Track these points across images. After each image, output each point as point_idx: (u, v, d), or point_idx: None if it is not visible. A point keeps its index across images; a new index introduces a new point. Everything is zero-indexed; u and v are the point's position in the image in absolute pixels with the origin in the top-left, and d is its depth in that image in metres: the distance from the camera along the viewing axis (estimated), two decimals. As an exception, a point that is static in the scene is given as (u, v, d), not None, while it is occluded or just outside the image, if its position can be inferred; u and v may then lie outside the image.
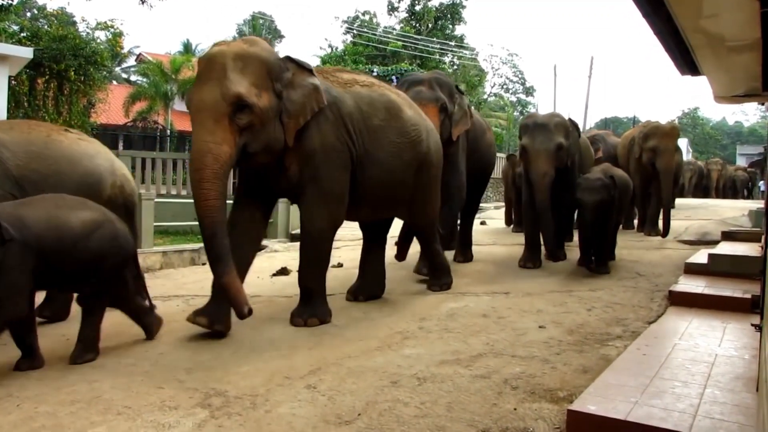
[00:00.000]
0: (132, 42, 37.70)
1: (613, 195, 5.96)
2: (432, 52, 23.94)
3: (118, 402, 2.77)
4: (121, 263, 3.44)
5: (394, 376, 3.14)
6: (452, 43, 25.99)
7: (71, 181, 3.75)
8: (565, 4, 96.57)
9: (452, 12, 26.42)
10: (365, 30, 25.26)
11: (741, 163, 29.07)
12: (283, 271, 6.20)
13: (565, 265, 6.60)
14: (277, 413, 2.68)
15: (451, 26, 26.89)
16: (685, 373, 3.07)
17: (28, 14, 23.60)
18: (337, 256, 6.75)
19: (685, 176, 19.47)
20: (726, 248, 6.40)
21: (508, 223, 10.04)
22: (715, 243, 7.31)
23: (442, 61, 24.67)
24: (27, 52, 7.84)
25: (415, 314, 4.54)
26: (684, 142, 31.40)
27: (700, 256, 6.11)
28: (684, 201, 14.82)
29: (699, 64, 4.08)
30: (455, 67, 25.77)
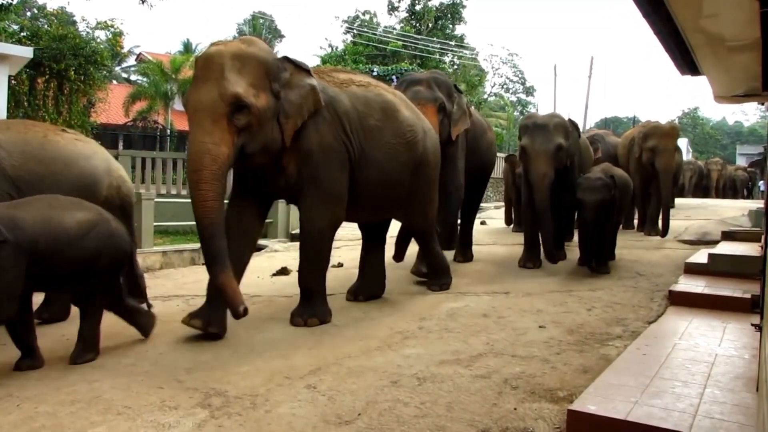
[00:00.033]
0: (132, 41, 37.72)
1: (614, 195, 5.96)
2: (432, 52, 23.92)
3: (118, 402, 2.77)
4: (118, 263, 3.43)
5: (394, 376, 3.14)
6: (452, 43, 25.98)
7: (67, 182, 3.73)
8: (565, 4, 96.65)
9: (452, 12, 26.42)
10: (365, 30, 25.23)
11: (741, 163, 29.05)
12: (283, 271, 6.21)
13: (565, 265, 6.60)
14: (277, 413, 2.68)
15: (452, 26, 26.89)
16: (685, 372, 3.07)
17: (28, 14, 23.61)
18: (337, 256, 6.75)
19: (685, 176, 19.46)
20: (726, 248, 6.40)
21: (508, 223, 10.04)
22: (715, 243, 7.32)
23: (443, 61, 24.66)
24: (27, 52, 7.82)
25: (415, 314, 4.54)
26: (684, 142, 31.41)
27: (700, 256, 6.11)
28: (684, 201, 14.82)
29: (699, 63, 4.08)
30: (455, 67, 25.75)
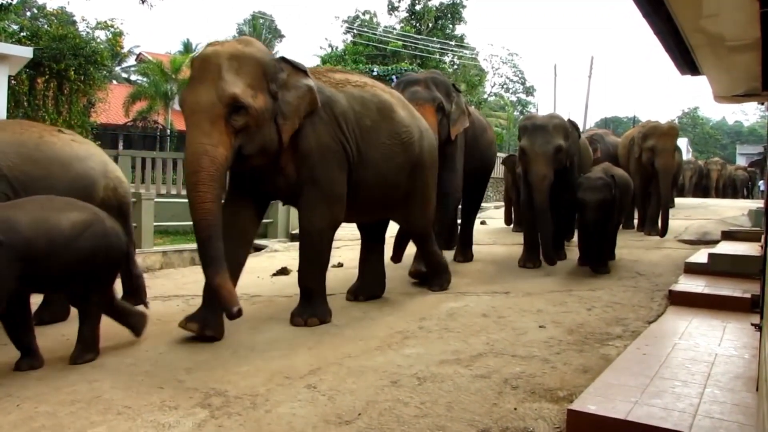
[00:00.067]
0: (132, 41, 37.75)
1: (614, 194, 5.97)
2: (432, 52, 23.92)
3: (118, 402, 2.77)
4: (114, 263, 3.41)
5: (394, 376, 3.14)
6: (452, 43, 25.97)
7: (63, 184, 3.69)
8: (565, 4, 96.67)
9: (452, 12, 26.42)
10: (365, 30, 25.22)
11: (741, 163, 29.05)
12: (283, 271, 6.21)
13: (565, 265, 6.60)
14: (277, 413, 2.68)
15: (452, 26, 26.88)
16: (685, 372, 3.07)
17: (28, 14, 23.63)
18: (337, 255, 6.75)
19: (685, 175, 19.47)
20: (726, 248, 6.40)
21: (508, 223, 10.04)
22: (715, 242, 7.32)
23: (443, 61, 24.65)
24: (27, 52, 7.82)
25: (415, 314, 4.54)
26: (684, 142, 31.40)
27: (700, 256, 6.11)
28: (684, 200, 14.83)
29: (699, 63, 4.08)
30: (455, 67, 25.75)
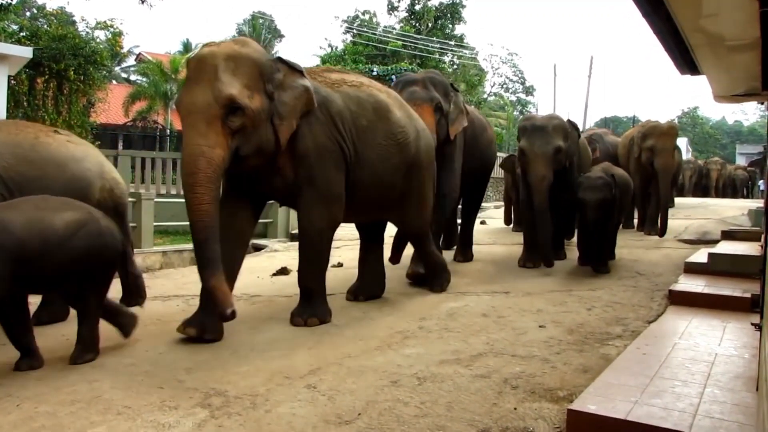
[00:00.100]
0: (132, 41, 37.73)
1: (615, 194, 5.97)
2: (432, 52, 23.89)
3: (118, 402, 2.77)
4: (109, 262, 3.37)
5: (394, 376, 3.14)
6: (452, 43, 25.94)
7: (58, 185, 3.66)
8: (565, 4, 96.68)
9: (452, 11, 26.39)
10: (365, 29, 25.20)
11: (740, 163, 29.04)
12: (283, 271, 6.21)
13: (565, 264, 6.61)
14: (277, 413, 2.68)
15: (451, 26, 26.85)
16: (685, 372, 3.07)
17: (28, 14, 23.63)
18: (337, 255, 6.75)
19: (685, 175, 19.47)
20: (726, 247, 6.40)
21: (508, 223, 10.03)
22: (715, 242, 7.32)
23: (442, 61, 24.63)
24: (26, 52, 7.82)
25: (415, 314, 4.54)
26: (684, 142, 31.39)
27: (700, 256, 6.11)
28: (684, 200, 14.84)
29: (699, 63, 4.08)
30: (455, 67, 25.73)
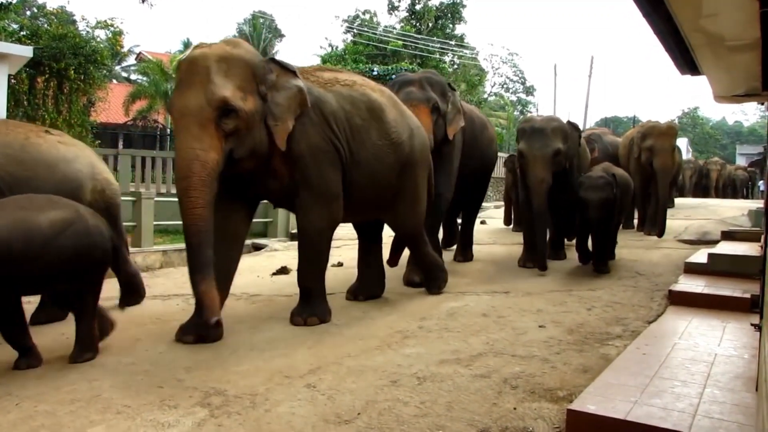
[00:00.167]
0: (132, 41, 37.63)
1: (616, 193, 5.97)
2: (432, 52, 23.89)
3: (118, 401, 2.77)
4: (99, 261, 3.30)
5: (394, 376, 3.14)
6: (452, 43, 25.94)
7: (49, 186, 3.61)
8: (565, 4, 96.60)
9: (452, 11, 26.39)
10: (365, 29, 25.19)
11: (741, 163, 29.02)
12: (283, 270, 6.21)
13: (565, 264, 6.61)
14: (276, 412, 2.68)
15: (452, 25, 26.85)
16: (685, 372, 3.07)
17: (28, 13, 23.63)
18: (337, 255, 6.75)
19: (685, 175, 19.46)
20: (726, 248, 6.40)
21: (508, 224, 10.01)
22: (715, 242, 7.32)
23: (443, 61, 24.62)
24: (27, 51, 7.82)
25: (415, 313, 4.54)
26: (684, 142, 31.36)
27: (700, 256, 6.11)
28: (684, 200, 14.85)
29: (699, 63, 4.08)
30: (455, 67, 25.74)
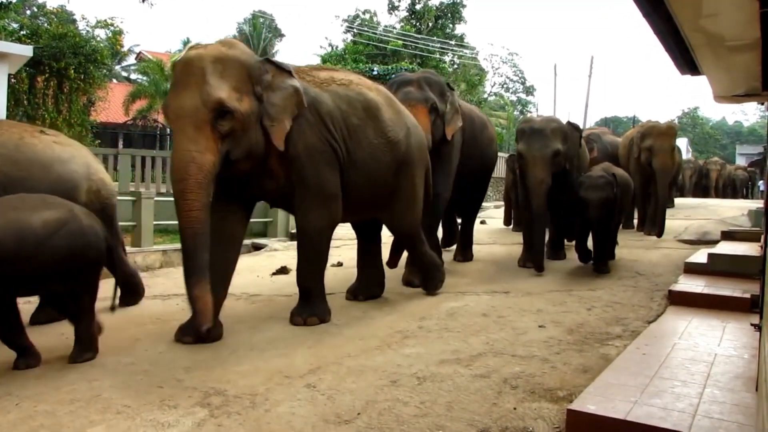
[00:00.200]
0: (132, 40, 37.62)
1: (616, 193, 5.97)
2: (432, 51, 23.89)
3: (118, 401, 2.77)
4: (94, 261, 3.27)
5: (394, 376, 3.14)
6: (452, 42, 25.94)
7: (44, 186, 3.59)
8: (565, 4, 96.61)
9: (453, 11, 26.40)
10: (365, 29, 25.19)
11: (740, 163, 29.02)
12: (283, 270, 6.21)
13: (565, 264, 6.61)
14: (276, 412, 2.68)
15: (452, 25, 26.85)
16: (685, 372, 3.07)
17: (28, 12, 23.60)
18: (337, 255, 6.75)
19: (685, 175, 19.46)
20: (725, 248, 6.40)
21: (508, 224, 10.00)
22: (715, 242, 7.32)
23: (443, 60, 24.62)
24: (27, 50, 7.82)
25: (415, 313, 4.54)
26: (684, 142, 31.36)
27: (700, 256, 6.11)
28: (683, 200, 14.85)
29: (699, 63, 4.08)
30: (455, 67, 25.74)
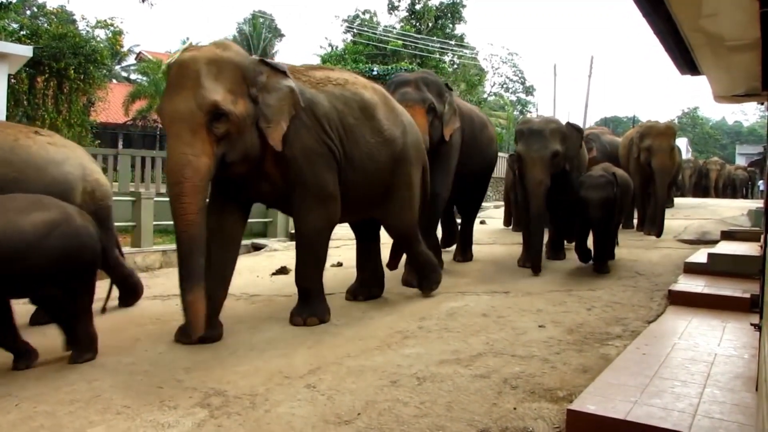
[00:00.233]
0: (132, 40, 37.60)
1: (616, 192, 5.97)
2: (432, 51, 23.88)
3: (118, 401, 2.77)
4: (89, 263, 3.25)
5: (394, 376, 3.14)
6: (452, 42, 25.94)
7: (38, 188, 3.57)
8: (565, 4, 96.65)
9: (452, 11, 26.39)
10: (365, 29, 25.18)
11: (740, 163, 29.03)
12: (283, 270, 6.21)
13: (564, 264, 6.61)
14: (276, 413, 2.68)
15: (452, 25, 26.84)
16: (685, 372, 3.07)
17: (28, 12, 23.58)
18: (337, 255, 6.75)
19: (685, 175, 19.48)
20: (725, 248, 6.40)
21: (508, 224, 9.99)
22: (715, 242, 7.32)
23: (442, 60, 24.61)
24: (26, 51, 7.82)
25: (415, 314, 4.54)
26: (683, 142, 31.38)
27: (700, 256, 6.11)
28: (683, 200, 14.86)
29: (699, 63, 4.09)
30: (455, 67, 25.74)
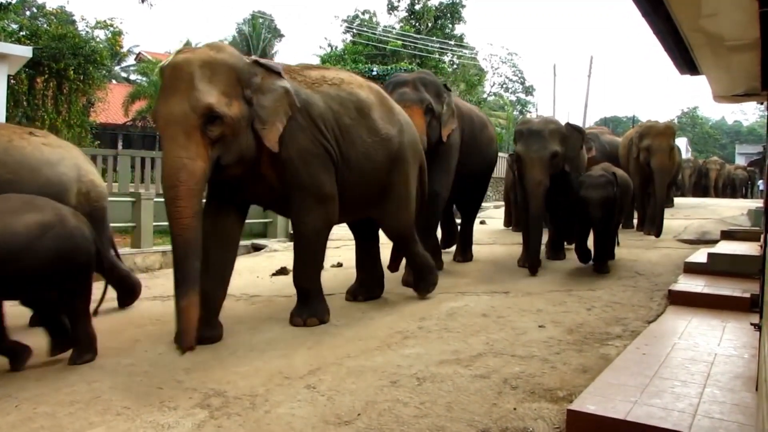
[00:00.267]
0: (131, 41, 37.60)
1: (616, 192, 5.97)
2: (432, 51, 23.88)
3: (117, 402, 2.77)
4: (84, 264, 3.23)
5: (394, 376, 3.14)
6: (452, 43, 25.94)
7: (32, 189, 3.55)
8: (565, 4, 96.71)
9: (452, 11, 26.38)
10: (365, 29, 25.18)
11: (740, 163, 29.05)
12: (283, 271, 6.21)
13: (564, 265, 6.61)
14: (276, 413, 2.68)
15: (451, 25, 26.83)
16: (685, 372, 3.07)
17: (28, 13, 23.58)
18: (337, 255, 6.76)
19: (684, 174, 19.49)
20: (725, 247, 6.41)
21: (508, 224, 9.98)
22: (715, 242, 7.32)
23: (442, 60, 24.61)
24: (26, 51, 7.82)
25: (415, 314, 4.54)
26: (683, 142, 31.40)
27: (700, 256, 6.11)
28: (683, 200, 14.87)
29: (698, 63, 4.09)
30: (455, 67, 25.75)
